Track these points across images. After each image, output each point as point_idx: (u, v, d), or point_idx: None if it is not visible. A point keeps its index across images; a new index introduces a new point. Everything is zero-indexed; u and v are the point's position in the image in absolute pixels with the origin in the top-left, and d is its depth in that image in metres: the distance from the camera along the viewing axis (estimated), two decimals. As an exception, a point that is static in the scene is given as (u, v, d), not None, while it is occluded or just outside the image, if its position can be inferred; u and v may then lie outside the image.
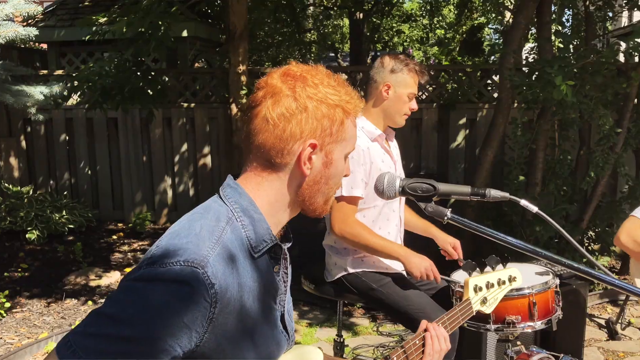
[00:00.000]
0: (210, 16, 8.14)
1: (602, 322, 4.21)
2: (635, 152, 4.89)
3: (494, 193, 1.18)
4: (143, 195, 6.63)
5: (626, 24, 13.32)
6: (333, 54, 13.86)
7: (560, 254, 4.55)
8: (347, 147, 1.23)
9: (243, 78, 5.91)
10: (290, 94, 1.16)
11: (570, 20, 4.71)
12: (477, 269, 1.75)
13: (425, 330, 1.49)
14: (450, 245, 2.63)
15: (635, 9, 5.15)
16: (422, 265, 2.40)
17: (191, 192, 6.59)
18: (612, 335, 4.01)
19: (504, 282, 1.78)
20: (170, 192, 6.62)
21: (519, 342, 2.45)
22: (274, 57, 10.99)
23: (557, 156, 4.65)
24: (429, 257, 2.47)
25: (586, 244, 5.02)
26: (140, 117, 6.43)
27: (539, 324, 2.24)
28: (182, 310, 1.00)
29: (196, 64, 7.87)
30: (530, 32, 5.79)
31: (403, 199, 2.64)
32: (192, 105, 6.43)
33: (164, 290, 1.00)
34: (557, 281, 2.36)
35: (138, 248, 5.91)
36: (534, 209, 1.16)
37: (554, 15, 4.77)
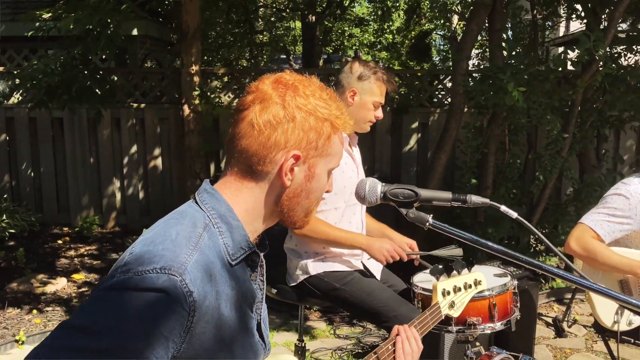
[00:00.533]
0: (161, 15, 7.97)
1: (550, 320, 4.37)
2: (578, 156, 5.10)
3: (475, 199, 1.19)
4: (90, 198, 6.40)
5: (564, 34, 13.94)
6: (285, 56, 13.85)
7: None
8: (332, 163, 1.21)
9: (196, 79, 5.81)
10: (279, 102, 1.13)
11: (513, 29, 4.86)
12: (445, 273, 1.77)
13: (398, 334, 1.49)
14: (407, 246, 2.65)
15: (572, 19, 5.40)
16: (383, 248, 2.42)
17: (141, 194, 6.42)
18: (559, 332, 4.16)
19: (470, 286, 1.81)
20: (119, 195, 6.42)
21: (477, 343, 2.49)
22: (226, 58, 10.86)
23: (507, 160, 4.80)
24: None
25: (534, 245, 5.20)
26: (87, 118, 6.21)
27: (498, 325, 2.28)
28: (160, 319, 0.95)
29: (146, 64, 7.68)
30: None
31: (365, 202, 2.65)
32: (142, 105, 6.26)
33: (140, 299, 0.96)
34: (515, 282, 2.41)
35: (85, 253, 5.70)
36: (514, 214, 1.18)
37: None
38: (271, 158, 1.13)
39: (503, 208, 1.18)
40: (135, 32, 6.58)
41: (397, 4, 13.35)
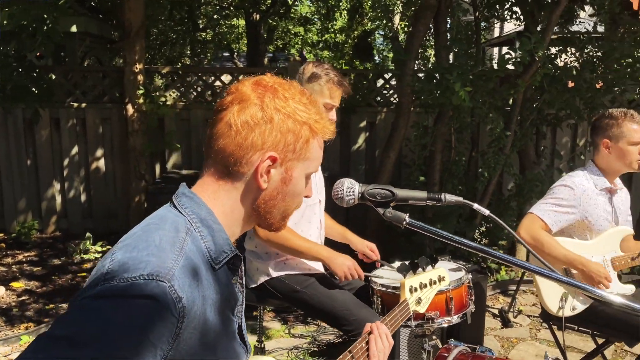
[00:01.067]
0: (101, 11, 7.69)
1: (496, 311, 4.53)
2: (519, 153, 5.31)
3: (449, 198, 1.23)
4: (28, 202, 6.11)
5: (498, 35, 14.47)
6: (229, 54, 13.68)
7: (457, 249, 4.85)
8: (310, 167, 1.20)
9: (140, 77, 5.66)
10: (258, 103, 1.13)
11: (451, 30, 5.01)
12: (411, 270, 1.81)
13: (370, 332, 1.51)
14: (368, 248, 2.69)
15: (507, 21, 5.64)
16: (345, 265, 2.46)
17: (83, 197, 6.18)
18: (505, 323, 4.33)
19: (435, 282, 1.86)
20: (59, 198, 6.16)
21: (434, 337, 2.57)
22: (168, 56, 10.62)
23: (453, 158, 4.94)
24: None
25: (478, 239, 5.38)
26: (24, 118, 5.92)
27: (455, 318, 2.35)
28: (148, 327, 0.93)
29: (86, 62, 7.39)
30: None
31: (323, 202, 2.67)
32: (83, 105, 6.03)
33: (128, 306, 0.93)
34: (470, 276, 2.49)
35: (24, 260, 5.43)
36: (486, 212, 1.22)
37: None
38: (247, 159, 1.13)
39: (476, 206, 1.22)
40: (74, 28, 6.32)
41: (340, 4, 13.47)
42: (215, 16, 11.30)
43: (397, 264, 2.63)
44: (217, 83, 6.46)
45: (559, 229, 2.70)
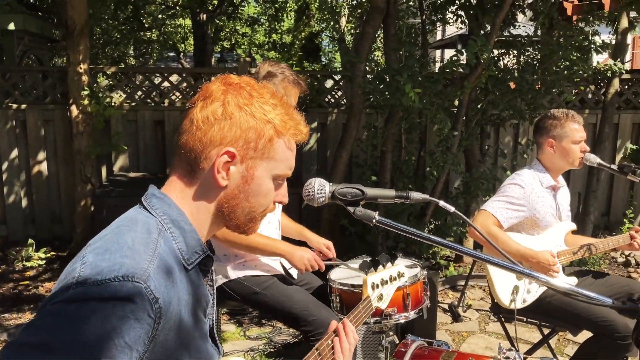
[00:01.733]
0: (41, 9, 7.40)
1: (446, 306, 4.67)
2: (465, 152, 5.49)
3: (416, 195, 1.27)
4: (-37, 208, 5.81)
5: (441, 37, 14.89)
6: (175, 54, 13.44)
7: (408, 246, 4.96)
8: (277, 168, 1.19)
9: (84, 78, 5.49)
10: (219, 99, 1.14)
11: (398, 33, 5.12)
12: (372, 267, 1.85)
13: (336, 329, 1.54)
14: (324, 246, 2.72)
15: (450, 24, 5.81)
16: (304, 257, 2.48)
17: (24, 202, 5.93)
18: (455, 317, 4.46)
19: (395, 278, 1.90)
20: (-3, 204, 5.89)
21: (391, 333, 2.62)
22: (111, 56, 10.33)
23: (403, 157, 5.05)
24: None
25: (427, 237, 5.52)
26: (-43, 119, 5.63)
27: (412, 314, 2.40)
28: (124, 329, 0.92)
29: (24, 61, 7.09)
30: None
31: (281, 203, 2.67)
32: (24, 106, 5.79)
33: (103, 309, 0.92)
34: (425, 272, 2.56)
35: (-39, 269, 5.17)
36: (451, 209, 1.27)
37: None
38: (206, 154, 1.13)
39: (441, 203, 1.27)
40: (12, 26, 6.06)
41: (287, 5, 13.48)
42: (160, 16, 11.09)
43: (354, 261, 2.68)
44: (165, 84, 6.35)
45: (509, 225, 2.82)
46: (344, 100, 6.14)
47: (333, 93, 6.28)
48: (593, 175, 5.99)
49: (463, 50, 4.31)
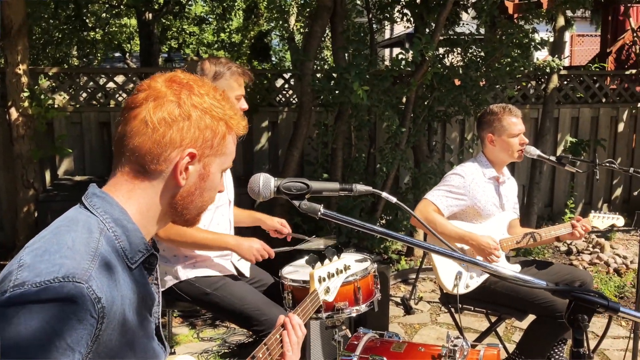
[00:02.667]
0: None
1: (399, 300, 4.75)
2: (413, 148, 5.60)
3: (359, 187, 1.30)
4: None
5: (389, 36, 15.12)
6: (120, 54, 13.12)
7: (360, 242, 5.02)
8: (226, 163, 1.23)
9: (24, 79, 5.29)
10: (174, 100, 1.12)
11: (347, 31, 5.18)
12: (319, 261, 1.87)
13: (283, 324, 1.55)
14: (279, 223, 2.73)
15: (397, 23, 5.92)
16: (253, 248, 2.47)
17: (-38, 210, 5.68)
18: (408, 310, 4.55)
19: (341, 271, 1.93)
20: None
21: (344, 327, 2.65)
22: (53, 56, 9.98)
23: (353, 154, 5.11)
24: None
25: (379, 232, 5.60)
26: None
27: (363, 307, 2.44)
28: (66, 331, 0.90)
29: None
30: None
31: (232, 202, 2.66)
32: (-42, 109, 5.53)
33: (43, 311, 0.90)
34: (375, 266, 2.60)
35: None
36: (393, 199, 1.31)
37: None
38: (166, 156, 1.12)
39: (384, 194, 1.30)
40: (-57, 25, 5.77)
41: (235, 4, 13.37)
42: (104, 15, 10.78)
43: (307, 244, 2.69)
44: (110, 84, 6.19)
45: (450, 213, 2.91)
46: (295, 99, 6.16)
47: (284, 92, 6.28)
48: (536, 167, 6.22)
49: (408, 48, 4.39)
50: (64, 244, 0.99)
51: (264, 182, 1.33)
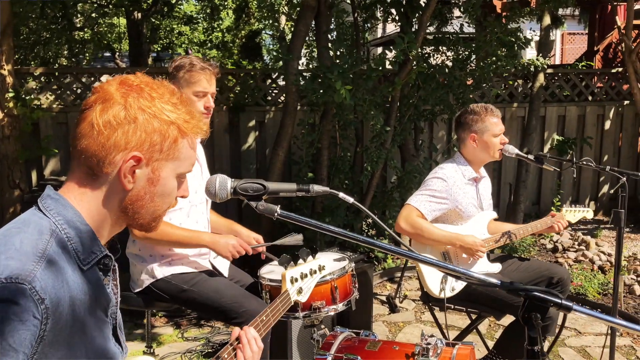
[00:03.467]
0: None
1: (384, 298, 4.77)
2: (399, 147, 5.61)
3: (317, 188, 1.31)
4: None
5: (381, 35, 15.13)
6: (110, 54, 13.07)
7: (345, 240, 5.03)
8: (181, 167, 1.21)
9: (9, 79, 5.27)
10: (121, 103, 1.12)
11: (336, 30, 5.18)
12: (292, 262, 1.88)
13: (238, 338, 1.51)
14: (255, 240, 2.73)
15: (388, 22, 5.93)
16: (229, 245, 2.47)
17: (-53, 211, 5.65)
18: (393, 308, 4.57)
19: (315, 272, 1.94)
20: None
21: (322, 326, 2.66)
22: (42, 57, 9.94)
23: (339, 154, 5.12)
24: None
25: (365, 230, 5.62)
26: None
27: (340, 306, 2.46)
28: (7, 332, 0.91)
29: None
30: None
31: (209, 201, 2.67)
32: (-57, 110, 5.50)
33: None
34: (353, 265, 2.62)
35: None
36: (350, 199, 1.32)
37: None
38: (110, 159, 1.12)
39: (341, 195, 1.31)
40: None
41: (225, 3, 13.35)
42: (93, 14, 10.74)
43: (283, 240, 2.69)
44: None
45: (434, 217, 2.92)
46: (282, 98, 6.16)
47: (270, 91, 6.28)
48: (522, 166, 6.26)
49: (392, 48, 4.41)
50: (11, 245, 1.00)
51: (221, 184, 1.33)
